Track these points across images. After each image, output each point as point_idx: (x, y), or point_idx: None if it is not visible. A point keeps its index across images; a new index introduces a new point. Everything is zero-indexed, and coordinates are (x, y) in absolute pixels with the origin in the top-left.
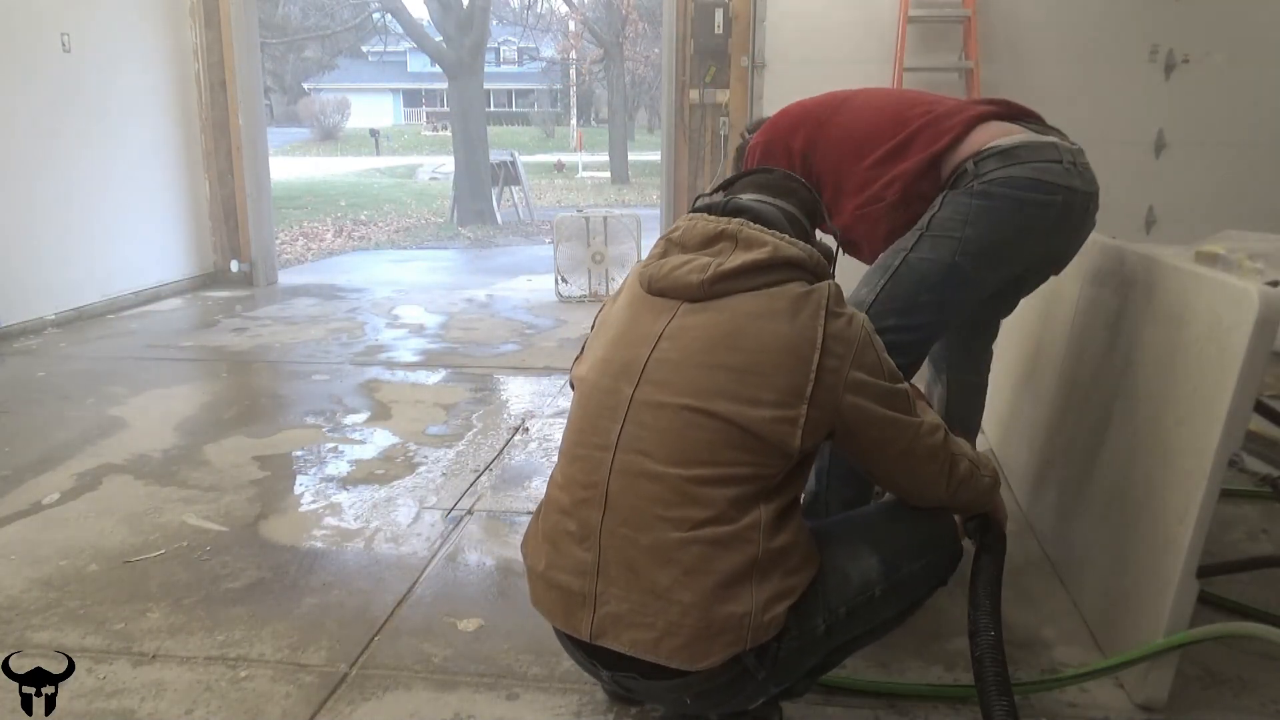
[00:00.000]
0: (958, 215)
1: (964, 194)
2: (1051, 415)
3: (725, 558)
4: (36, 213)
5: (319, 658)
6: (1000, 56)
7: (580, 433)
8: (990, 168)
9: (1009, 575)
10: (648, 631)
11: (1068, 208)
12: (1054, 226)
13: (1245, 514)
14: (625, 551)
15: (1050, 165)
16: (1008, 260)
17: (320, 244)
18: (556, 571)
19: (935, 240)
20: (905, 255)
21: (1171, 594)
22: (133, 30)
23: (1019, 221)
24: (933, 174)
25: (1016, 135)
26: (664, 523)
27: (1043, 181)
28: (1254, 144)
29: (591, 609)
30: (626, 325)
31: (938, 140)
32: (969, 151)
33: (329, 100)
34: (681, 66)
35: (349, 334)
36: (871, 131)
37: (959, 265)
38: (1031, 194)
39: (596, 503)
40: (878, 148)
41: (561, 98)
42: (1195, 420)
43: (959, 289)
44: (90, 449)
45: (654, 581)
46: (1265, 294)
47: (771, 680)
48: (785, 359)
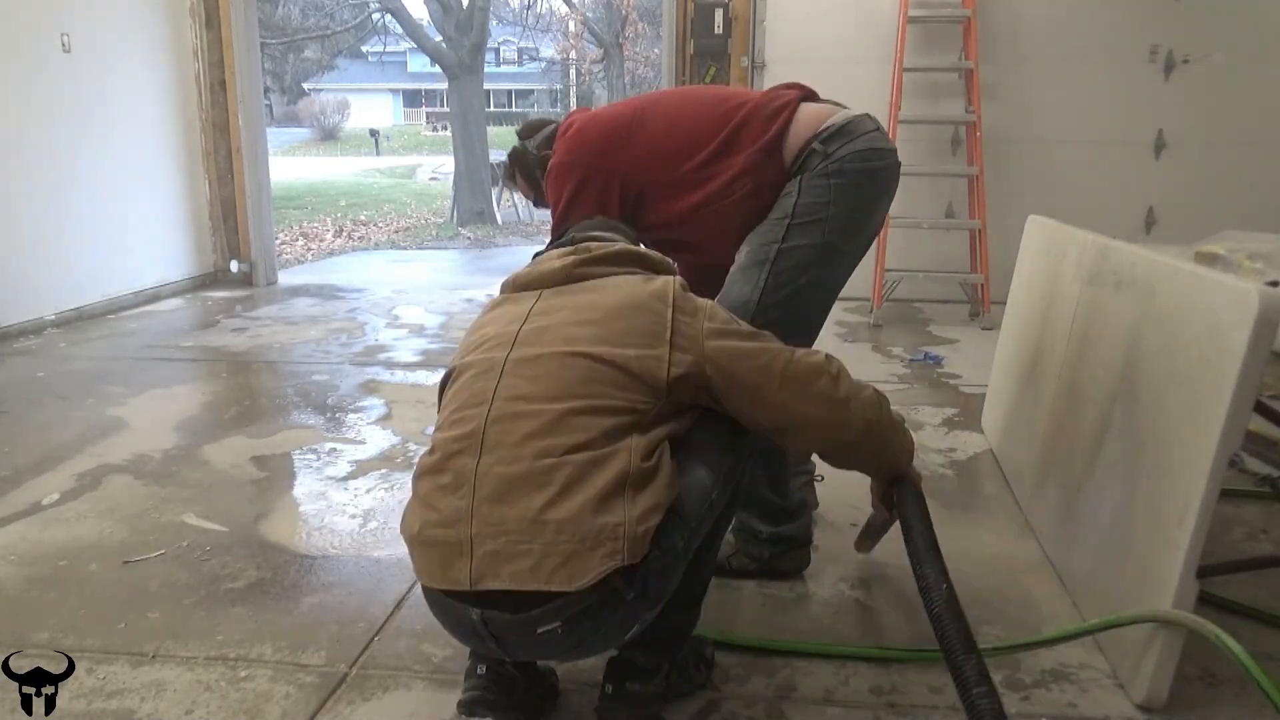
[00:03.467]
0: (820, 198)
1: (819, 176)
2: (1051, 416)
3: (598, 474)
4: (36, 213)
5: (319, 658)
6: (1000, 56)
7: (457, 402)
8: (836, 145)
9: (1009, 575)
10: (525, 560)
11: (896, 168)
12: (892, 186)
13: (1245, 514)
14: (498, 487)
15: (874, 134)
16: (869, 227)
17: (320, 244)
18: (430, 528)
19: (803, 226)
20: (778, 246)
21: (1171, 594)
22: (133, 30)
23: (873, 190)
24: (775, 161)
25: (837, 113)
26: (537, 451)
27: (877, 149)
28: (1254, 144)
29: (469, 555)
30: (495, 316)
31: (768, 129)
32: (806, 134)
33: (329, 100)
34: (681, 66)
35: (349, 334)
36: (692, 133)
37: (830, 243)
38: (874, 163)
39: (472, 451)
40: (703, 147)
41: (561, 98)
42: (1195, 420)
43: (835, 264)
44: (90, 449)
45: (528, 506)
46: (1265, 294)
47: (641, 602)
48: (642, 313)
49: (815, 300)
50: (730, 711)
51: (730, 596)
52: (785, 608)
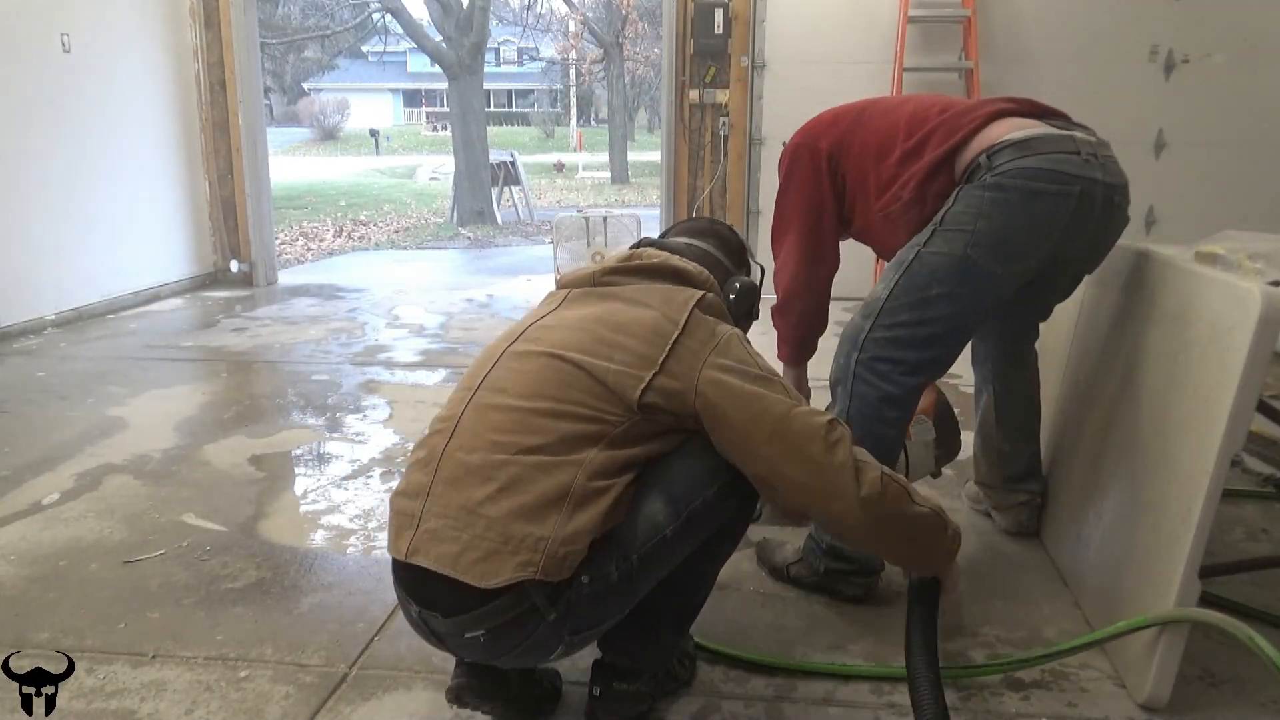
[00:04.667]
0: (970, 209)
1: (977, 187)
2: (1055, 416)
3: (541, 481)
4: (36, 212)
5: (319, 658)
6: (1000, 56)
7: (458, 387)
8: (1003, 160)
9: (1010, 575)
10: (452, 545)
11: (1087, 198)
12: (1071, 218)
13: (1246, 514)
14: (454, 472)
15: (1067, 156)
16: (1022, 252)
17: (320, 244)
18: (397, 497)
19: (947, 234)
20: (919, 250)
21: (1174, 594)
22: (133, 30)
23: (1032, 212)
24: (947, 170)
25: (1033, 129)
26: (495, 445)
27: (1058, 172)
28: (1254, 144)
29: (415, 528)
30: (535, 310)
31: (951, 136)
32: (983, 146)
33: (329, 100)
34: (681, 66)
35: (349, 334)
36: (891, 132)
37: (970, 258)
38: (1045, 184)
39: (446, 432)
40: (896, 148)
41: (561, 98)
42: (1197, 420)
43: (972, 282)
44: (90, 449)
45: (469, 497)
46: (1268, 294)
47: (564, 624)
48: (646, 333)
49: (946, 318)
50: (730, 711)
51: (729, 596)
52: (785, 606)
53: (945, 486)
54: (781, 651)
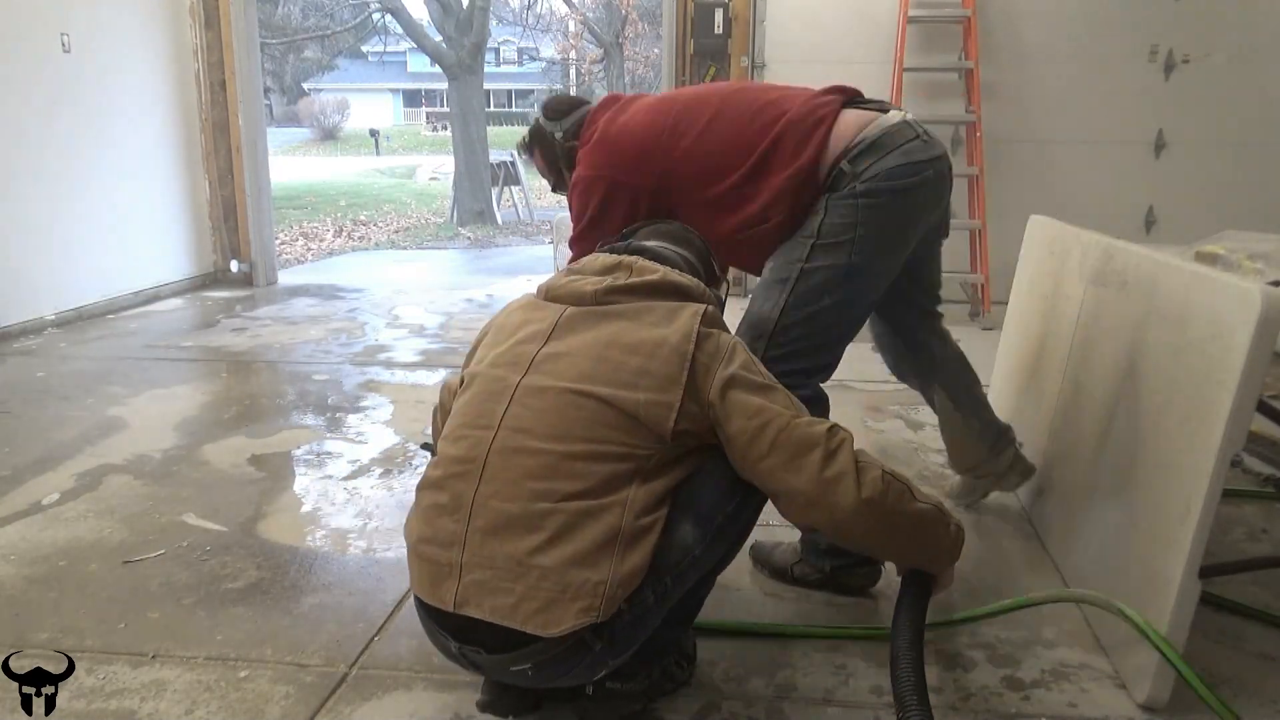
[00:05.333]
0: (845, 219)
1: (847, 196)
2: (1054, 416)
3: (590, 527)
4: (36, 213)
5: (319, 658)
6: (1000, 56)
7: (464, 417)
8: (864, 165)
9: (1012, 575)
10: (507, 597)
11: (939, 177)
12: (932, 198)
13: (1246, 514)
14: (492, 521)
15: (912, 144)
16: (902, 244)
17: (320, 244)
18: (426, 545)
19: (828, 248)
20: (801, 266)
21: (1174, 594)
22: (133, 30)
23: (905, 208)
24: (810, 185)
25: (872, 124)
26: (534, 493)
27: (913, 163)
28: (1254, 144)
29: (457, 578)
30: (517, 326)
31: (801, 151)
32: (838, 150)
33: (329, 100)
34: (681, 66)
35: (349, 334)
36: (726, 150)
37: (855, 264)
38: (908, 179)
39: (472, 476)
40: (736, 167)
41: None
42: (1197, 420)
43: (862, 282)
44: (90, 449)
45: (516, 548)
46: (1268, 294)
47: (608, 653)
48: (661, 350)
49: (843, 319)
50: (730, 711)
51: (730, 596)
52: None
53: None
54: (781, 649)
